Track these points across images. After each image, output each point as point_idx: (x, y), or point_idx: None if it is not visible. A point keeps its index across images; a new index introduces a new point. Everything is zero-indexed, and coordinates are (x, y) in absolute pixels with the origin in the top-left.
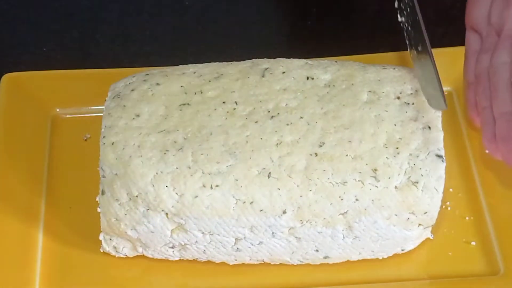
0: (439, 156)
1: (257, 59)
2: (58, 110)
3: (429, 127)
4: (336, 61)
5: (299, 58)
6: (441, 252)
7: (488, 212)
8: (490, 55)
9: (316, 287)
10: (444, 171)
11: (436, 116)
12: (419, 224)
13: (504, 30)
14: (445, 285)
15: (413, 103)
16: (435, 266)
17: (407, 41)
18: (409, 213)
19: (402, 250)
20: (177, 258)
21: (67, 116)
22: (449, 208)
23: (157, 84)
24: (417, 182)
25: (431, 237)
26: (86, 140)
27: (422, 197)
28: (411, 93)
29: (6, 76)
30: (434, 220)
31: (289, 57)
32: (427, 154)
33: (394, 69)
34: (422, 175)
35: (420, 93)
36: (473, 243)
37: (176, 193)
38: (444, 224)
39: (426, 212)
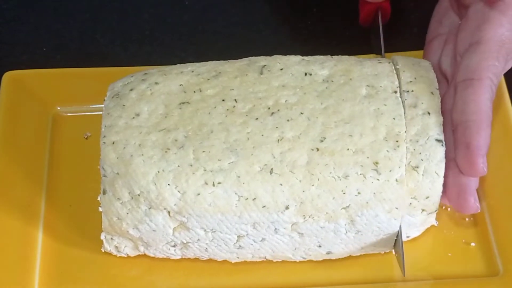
0: (439, 141)
1: (254, 56)
2: (59, 108)
3: (429, 113)
4: (331, 56)
5: None
6: (441, 253)
7: (488, 213)
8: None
9: (318, 287)
10: (444, 155)
11: (436, 102)
12: (423, 210)
13: (453, 79)
14: (444, 286)
15: (412, 90)
16: (435, 266)
17: None
18: (411, 198)
19: (407, 237)
20: (178, 257)
21: (68, 114)
22: (449, 209)
23: (156, 83)
24: (418, 167)
25: (435, 224)
26: (86, 138)
27: (423, 182)
28: (410, 81)
29: (7, 74)
30: (437, 205)
31: None
32: (427, 139)
33: (389, 63)
34: (422, 160)
35: (419, 80)
36: (473, 244)
37: (178, 191)
38: (444, 225)
39: (428, 197)
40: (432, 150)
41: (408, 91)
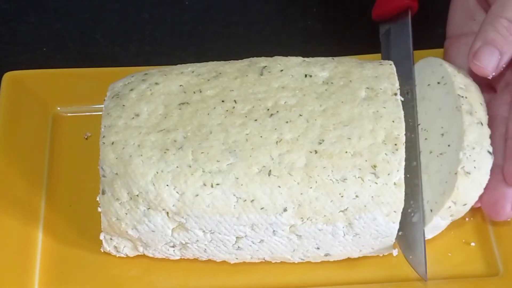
0: (490, 153)
1: (254, 57)
2: (59, 108)
3: (481, 123)
4: (333, 58)
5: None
6: (441, 253)
7: None
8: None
9: (317, 287)
10: (490, 168)
11: (484, 114)
12: (451, 215)
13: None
14: (445, 286)
15: (466, 97)
16: (435, 266)
17: None
18: (452, 201)
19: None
20: (177, 257)
21: (68, 114)
22: None
23: (156, 83)
24: (469, 173)
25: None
26: (86, 138)
27: (469, 189)
28: (462, 87)
29: (8, 75)
30: (464, 213)
31: None
32: (481, 149)
33: (390, 65)
34: (474, 168)
35: (469, 89)
36: (472, 244)
37: (177, 192)
38: None
39: (465, 204)
40: (483, 161)
41: (463, 96)
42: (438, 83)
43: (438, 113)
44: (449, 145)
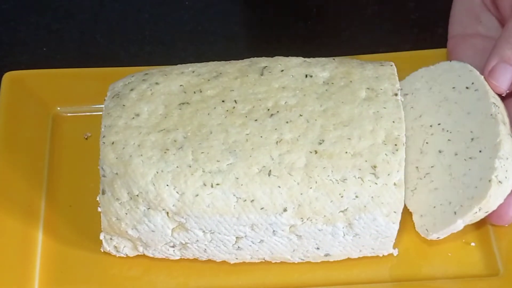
0: None
1: (255, 57)
2: (59, 108)
3: (510, 135)
4: (333, 59)
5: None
6: (441, 253)
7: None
8: None
9: (317, 287)
10: None
11: (510, 127)
12: (471, 220)
13: None
14: (445, 286)
15: (498, 107)
16: (435, 266)
17: None
18: (479, 208)
19: (438, 238)
20: (177, 257)
21: (68, 114)
22: None
23: (156, 83)
24: (501, 183)
25: None
26: (86, 138)
27: (498, 197)
28: (494, 96)
29: (8, 75)
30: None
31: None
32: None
33: (391, 65)
34: (505, 177)
35: (497, 99)
36: (472, 244)
37: (177, 192)
38: None
39: (487, 211)
40: None
41: (498, 106)
42: (467, 88)
43: (467, 117)
44: (480, 151)
